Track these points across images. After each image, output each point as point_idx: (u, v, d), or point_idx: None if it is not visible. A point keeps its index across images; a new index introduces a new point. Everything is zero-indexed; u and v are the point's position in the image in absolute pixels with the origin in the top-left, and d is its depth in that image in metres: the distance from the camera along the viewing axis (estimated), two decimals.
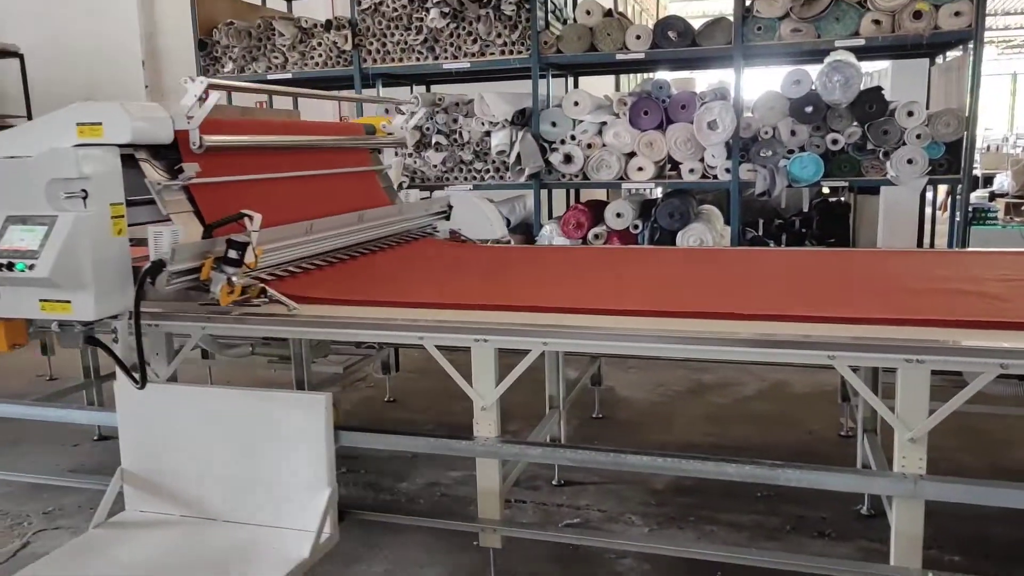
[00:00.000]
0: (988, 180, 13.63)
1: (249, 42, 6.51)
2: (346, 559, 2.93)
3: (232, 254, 2.54)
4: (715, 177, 5.65)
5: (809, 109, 5.36)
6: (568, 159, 5.88)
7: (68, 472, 3.79)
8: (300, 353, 3.84)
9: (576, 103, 5.86)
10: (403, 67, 6.18)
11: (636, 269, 3.40)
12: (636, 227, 5.91)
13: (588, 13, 5.80)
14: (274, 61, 6.48)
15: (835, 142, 5.38)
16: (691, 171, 5.67)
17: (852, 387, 2.39)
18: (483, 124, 6.03)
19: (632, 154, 5.79)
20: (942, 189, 7.36)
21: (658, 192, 6.66)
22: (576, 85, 7.19)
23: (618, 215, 5.91)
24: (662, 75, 6.97)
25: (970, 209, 5.80)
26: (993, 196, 12.42)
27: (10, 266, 2.35)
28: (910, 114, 5.22)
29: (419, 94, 6.20)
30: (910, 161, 5.20)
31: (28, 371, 5.48)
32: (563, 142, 5.91)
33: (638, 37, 5.66)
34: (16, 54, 8.69)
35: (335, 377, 4.27)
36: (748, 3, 5.41)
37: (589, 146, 5.86)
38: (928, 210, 6.60)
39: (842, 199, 6.75)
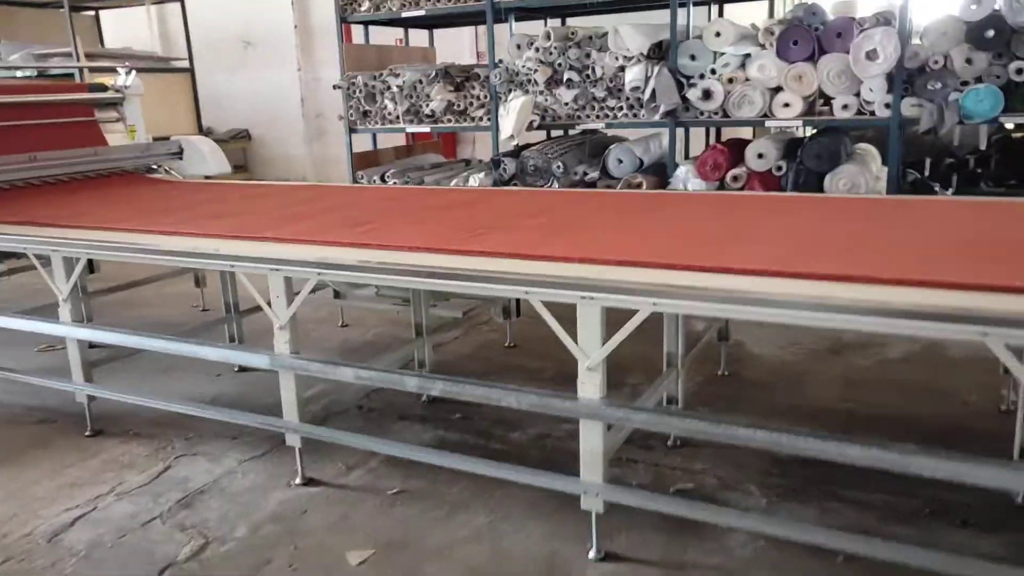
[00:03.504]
0: None
1: None
2: (452, 507, 2.96)
3: None
4: (872, 113, 5.11)
5: (990, 33, 4.68)
6: (707, 95, 5.50)
7: (210, 400, 4.06)
8: (419, 297, 3.89)
9: (718, 34, 5.43)
10: None
11: (748, 220, 3.13)
12: (779, 169, 5.48)
13: None
14: None
15: (1020, 71, 4.69)
16: (844, 107, 5.16)
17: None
18: (617, 59, 5.74)
19: (778, 89, 5.34)
20: None
21: (809, 131, 6.14)
22: (721, 13, 6.68)
23: (760, 156, 5.50)
24: None
25: None
26: None
27: None
28: None
29: (551, 28, 5.97)
30: None
31: (185, 301, 5.92)
32: (702, 76, 5.53)
33: None
34: None
35: (455, 321, 4.30)
36: None
37: (731, 80, 5.45)
38: None
39: None
